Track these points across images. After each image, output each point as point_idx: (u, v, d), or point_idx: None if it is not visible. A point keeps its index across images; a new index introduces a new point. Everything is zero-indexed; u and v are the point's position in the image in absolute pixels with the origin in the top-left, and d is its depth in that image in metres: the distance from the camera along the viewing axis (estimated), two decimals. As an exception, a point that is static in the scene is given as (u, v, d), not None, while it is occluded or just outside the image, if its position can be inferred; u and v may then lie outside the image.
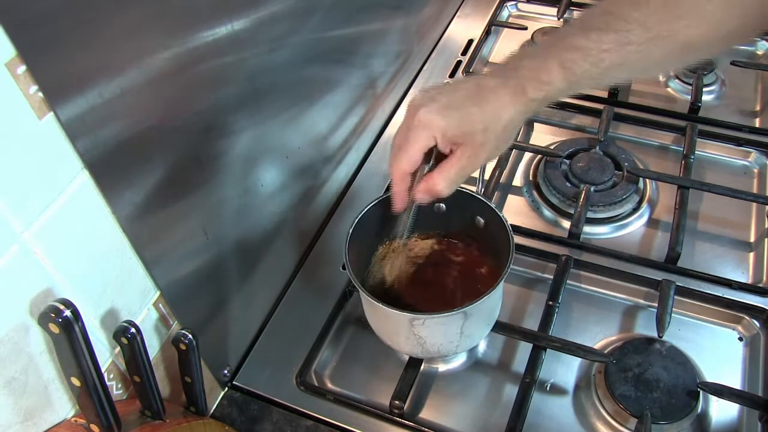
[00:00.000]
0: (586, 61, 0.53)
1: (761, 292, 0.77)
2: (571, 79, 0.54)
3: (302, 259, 0.86)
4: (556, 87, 0.54)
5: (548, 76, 0.54)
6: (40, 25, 0.40)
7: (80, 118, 0.44)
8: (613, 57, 0.53)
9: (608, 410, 0.69)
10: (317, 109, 0.82)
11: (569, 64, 0.53)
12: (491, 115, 0.55)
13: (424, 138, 0.55)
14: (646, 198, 0.89)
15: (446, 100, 0.55)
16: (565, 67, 0.53)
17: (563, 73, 0.53)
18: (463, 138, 0.55)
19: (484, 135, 0.55)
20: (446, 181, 0.57)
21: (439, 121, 0.54)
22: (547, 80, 0.54)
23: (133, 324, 0.50)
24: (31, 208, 0.43)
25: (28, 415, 0.47)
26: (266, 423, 0.70)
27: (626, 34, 0.52)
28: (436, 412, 0.71)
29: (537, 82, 0.54)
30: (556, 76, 0.54)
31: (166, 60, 0.52)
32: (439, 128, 0.55)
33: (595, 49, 0.52)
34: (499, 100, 0.55)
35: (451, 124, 0.54)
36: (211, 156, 0.62)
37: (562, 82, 0.54)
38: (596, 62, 0.53)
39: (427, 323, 0.63)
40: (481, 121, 0.55)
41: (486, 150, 0.57)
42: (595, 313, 0.78)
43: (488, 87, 0.55)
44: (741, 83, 1.06)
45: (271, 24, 0.66)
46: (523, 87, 0.54)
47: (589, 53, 0.53)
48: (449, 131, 0.55)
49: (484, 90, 0.55)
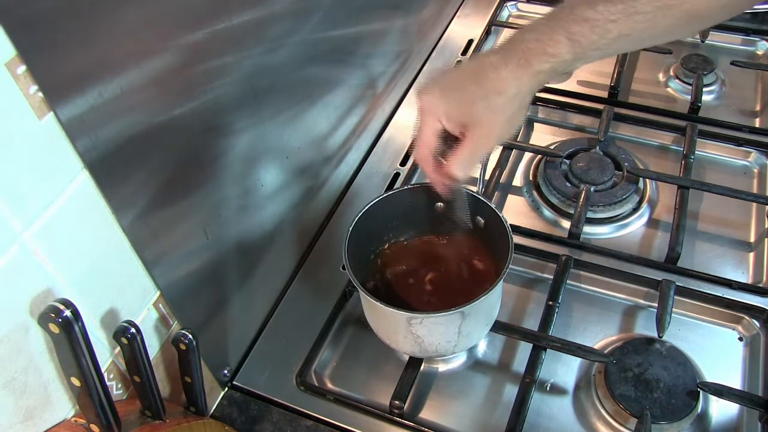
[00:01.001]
0: (593, 33, 0.53)
1: (761, 292, 0.77)
2: (578, 50, 0.53)
3: (302, 259, 0.86)
4: (563, 59, 0.54)
5: (554, 48, 0.53)
6: (40, 25, 0.40)
7: (80, 118, 0.44)
8: (620, 27, 0.53)
9: (608, 410, 0.69)
10: (317, 109, 0.82)
11: (577, 36, 0.53)
12: (492, 90, 0.54)
13: (430, 122, 0.56)
14: (646, 198, 0.89)
15: (447, 83, 0.56)
16: (572, 39, 0.53)
17: (570, 45, 0.53)
18: (468, 117, 0.55)
19: (488, 112, 0.55)
20: (460, 164, 0.57)
21: (440, 103, 0.55)
22: (553, 52, 0.53)
23: (133, 324, 0.50)
24: (31, 208, 0.43)
25: (28, 415, 0.47)
26: (266, 423, 0.70)
27: (633, 4, 0.52)
28: (436, 412, 0.71)
29: (543, 54, 0.54)
30: (563, 48, 0.53)
31: (166, 60, 0.52)
32: (441, 111, 0.55)
33: (602, 20, 0.52)
34: (500, 75, 0.54)
35: (453, 105, 0.55)
36: (211, 156, 0.62)
37: (569, 54, 0.54)
38: (603, 33, 0.53)
39: (424, 322, 0.63)
40: (482, 98, 0.54)
41: (496, 127, 0.56)
42: (595, 313, 0.78)
43: (489, 63, 0.55)
44: (741, 83, 1.06)
45: (271, 24, 0.66)
46: (527, 59, 0.54)
47: (596, 24, 0.52)
48: (452, 112, 0.55)
49: (485, 67, 0.55)
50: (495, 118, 0.55)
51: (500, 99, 0.54)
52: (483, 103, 0.54)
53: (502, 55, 0.55)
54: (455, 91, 0.55)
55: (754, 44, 1.12)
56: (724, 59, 1.08)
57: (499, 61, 0.55)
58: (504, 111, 0.55)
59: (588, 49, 0.53)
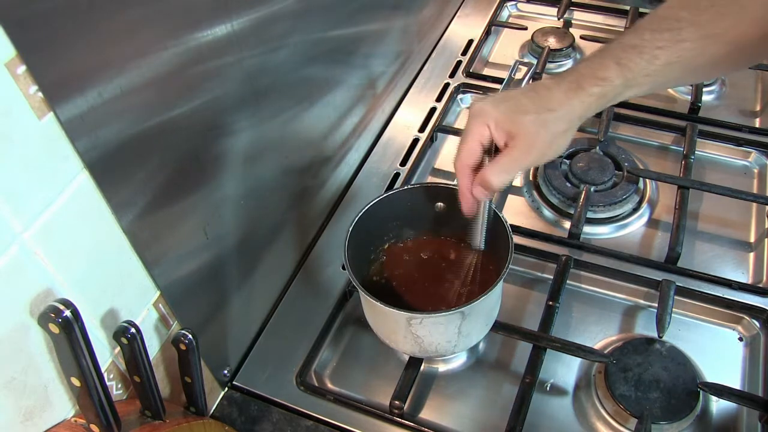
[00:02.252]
0: (641, 59, 0.55)
1: (761, 292, 0.77)
2: (627, 75, 0.55)
3: (302, 259, 0.86)
4: (612, 83, 0.56)
5: (604, 72, 0.55)
6: (40, 25, 0.40)
7: (80, 118, 0.44)
8: (668, 54, 0.55)
9: (608, 410, 0.69)
10: (317, 109, 0.82)
11: (624, 61, 0.55)
12: (543, 106, 0.56)
13: (479, 126, 0.57)
14: (646, 198, 0.89)
15: (501, 95, 0.59)
16: (620, 64, 0.55)
17: (619, 69, 0.55)
18: (516, 127, 0.57)
19: (535, 125, 0.56)
20: (498, 173, 0.58)
21: (492, 109, 0.57)
22: (602, 76, 0.56)
23: (133, 324, 0.50)
24: (31, 208, 0.43)
25: (28, 415, 0.47)
26: (266, 423, 0.70)
27: (679, 32, 0.54)
28: (436, 412, 0.71)
29: (593, 77, 0.56)
30: (612, 72, 0.55)
31: (166, 60, 0.52)
32: (492, 116, 0.57)
33: (649, 47, 0.54)
34: (552, 94, 0.57)
35: (503, 112, 0.57)
36: (211, 156, 0.62)
37: (619, 78, 0.55)
38: (651, 59, 0.55)
39: (424, 322, 0.63)
40: (532, 111, 0.56)
41: (539, 143, 0.58)
42: (595, 313, 0.79)
43: (543, 85, 0.58)
44: (741, 83, 1.06)
45: (271, 24, 0.66)
46: (578, 82, 0.56)
47: (644, 50, 0.55)
48: (501, 119, 0.57)
49: (539, 87, 0.58)
50: (541, 133, 0.57)
51: (550, 115, 0.56)
52: (532, 116, 0.56)
53: (556, 79, 0.58)
54: (507, 102, 0.57)
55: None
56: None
57: (552, 83, 0.57)
58: (551, 128, 0.57)
59: (638, 74, 0.55)
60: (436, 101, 1.06)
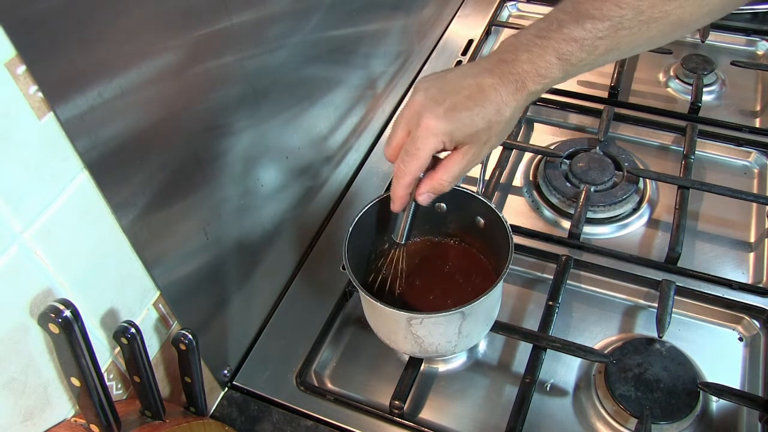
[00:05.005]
0: (582, 51, 0.55)
1: (761, 292, 0.77)
2: (568, 68, 0.56)
3: (302, 259, 0.86)
4: (554, 78, 0.56)
5: (547, 70, 0.55)
6: (40, 25, 0.40)
7: (80, 118, 0.44)
8: (607, 43, 0.55)
9: (608, 410, 0.69)
10: (317, 109, 0.82)
11: (567, 56, 0.55)
12: (495, 112, 0.56)
13: (432, 143, 0.56)
14: (646, 198, 0.89)
15: (450, 103, 0.56)
16: (562, 59, 0.55)
17: (561, 64, 0.55)
18: (469, 138, 0.57)
19: (488, 132, 0.57)
20: (451, 178, 0.59)
21: (446, 126, 0.56)
22: (545, 74, 0.56)
23: (133, 324, 0.50)
24: (31, 208, 0.43)
25: (28, 415, 0.47)
26: (266, 423, 0.70)
27: (620, 20, 0.54)
28: (436, 412, 0.71)
29: (536, 76, 0.56)
30: (554, 69, 0.55)
31: (166, 60, 0.52)
32: (446, 133, 0.56)
33: (590, 38, 0.54)
34: (501, 97, 0.56)
35: (458, 127, 0.56)
36: (211, 156, 0.62)
37: (560, 73, 0.56)
38: (591, 50, 0.55)
39: (424, 323, 0.63)
40: (485, 120, 0.56)
41: (489, 144, 0.59)
42: (595, 313, 0.79)
43: (489, 86, 0.56)
44: (741, 83, 1.06)
45: (271, 24, 0.66)
46: (523, 82, 0.56)
47: (585, 43, 0.54)
48: (456, 134, 0.56)
49: (486, 89, 0.56)
50: (492, 138, 0.58)
51: (501, 121, 0.57)
52: (485, 126, 0.56)
53: (500, 76, 0.56)
54: (459, 113, 0.56)
55: (754, 44, 1.12)
56: (724, 59, 1.09)
57: (498, 83, 0.56)
58: (500, 131, 0.58)
59: (577, 66, 0.56)
60: (436, 101, 1.05)
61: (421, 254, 0.75)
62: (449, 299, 0.71)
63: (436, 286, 0.72)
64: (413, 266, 0.74)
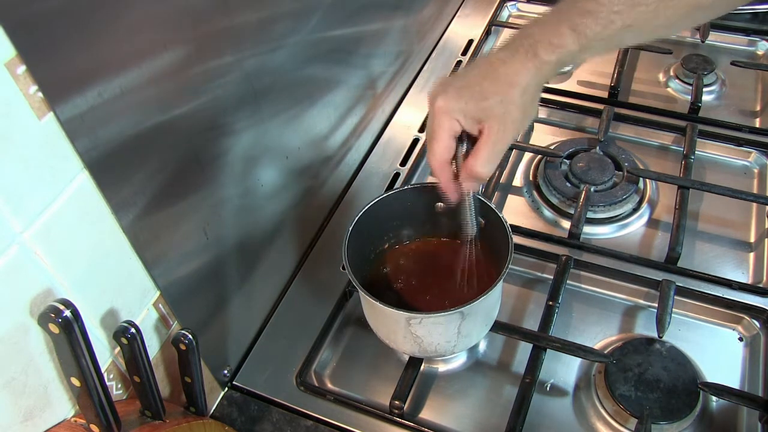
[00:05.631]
0: (597, 24, 0.54)
1: (761, 292, 0.77)
2: (583, 41, 0.55)
3: (302, 259, 0.86)
4: (568, 50, 0.55)
5: (560, 39, 0.55)
6: (40, 25, 0.40)
7: (80, 118, 0.44)
8: (624, 18, 0.54)
9: (608, 410, 0.69)
10: (317, 109, 0.82)
11: (581, 28, 0.54)
12: (505, 83, 0.56)
13: (447, 122, 0.57)
14: (646, 198, 0.89)
15: (459, 83, 0.57)
16: (576, 31, 0.54)
17: (575, 36, 0.54)
18: (484, 113, 0.56)
19: (503, 105, 0.56)
20: (483, 161, 0.58)
21: (456, 103, 0.56)
22: (558, 43, 0.55)
23: (133, 324, 0.50)
24: (31, 208, 0.43)
25: (28, 415, 0.47)
26: (266, 423, 0.70)
27: None
28: (436, 412, 0.71)
29: (548, 44, 0.55)
30: (568, 39, 0.55)
31: (166, 60, 0.52)
32: (458, 110, 0.56)
33: (605, 11, 0.54)
34: (510, 68, 0.56)
35: (468, 103, 0.56)
36: (211, 156, 0.62)
37: (574, 45, 0.55)
38: (607, 24, 0.54)
39: (424, 322, 0.63)
40: (496, 92, 0.56)
41: (511, 120, 0.57)
42: (595, 313, 0.78)
43: (499, 60, 0.56)
44: (741, 83, 1.06)
45: (271, 24, 0.66)
46: (534, 50, 0.55)
47: (600, 15, 0.54)
48: (469, 111, 0.56)
49: (495, 64, 0.56)
50: (511, 110, 0.56)
51: (514, 91, 0.56)
52: (498, 98, 0.55)
53: (510, 50, 0.56)
54: (469, 89, 0.56)
55: (754, 44, 1.12)
56: (724, 59, 1.08)
57: (507, 55, 0.56)
58: (518, 102, 0.56)
59: (593, 39, 0.54)
60: (436, 101, 1.05)
61: (420, 254, 0.75)
62: (449, 299, 0.71)
63: (436, 286, 0.72)
64: (413, 266, 0.74)
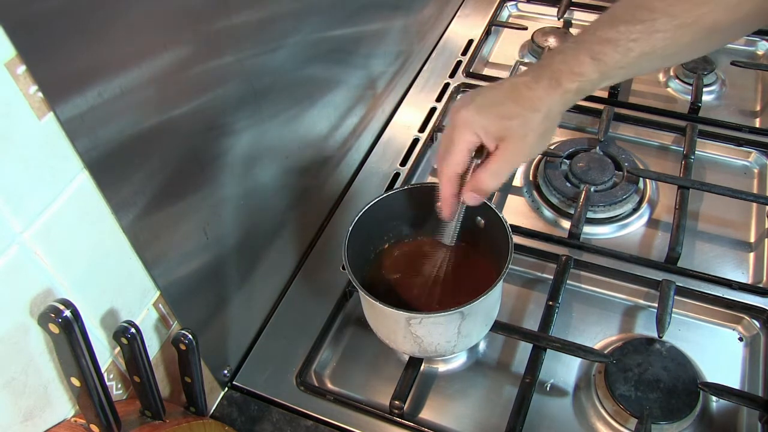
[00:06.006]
0: (616, 52, 0.55)
1: (761, 292, 0.77)
2: (603, 69, 0.56)
3: (302, 259, 0.86)
4: (589, 78, 0.57)
5: (580, 68, 0.56)
6: (40, 25, 0.40)
7: (80, 118, 0.44)
8: (642, 46, 0.55)
9: (608, 410, 0.69)
10: (317, 109, 0.82)
11: (600, 56, 0.56)
12: (528, 107, 0.57)
13: (468, 136, 0.58)
14: (646, 198, 0.89)
15: (484, 100, 0.58)
16: (596, 59, 0.56)
17: (595, 64, 0.56)
18: (505, 132, 0.57)
19: (524, 127, 0.57)
20: (493, 177, 0.60)
21: (480, 118, 0.57)
22: (579, 72, 0.56)
23: (133, 324, 0.50)
24: (31, 208, 0.43)
25: (28, 415, 0.47)
26: (266, 423, 0.70)
27: (652, 23, 0.55)
28: (436, 412, 0.71)
29: (570, 74, 0.56)
30: (588, 68, 0.56)
31: (166, 60, 0.52)
32: (480, 125, 0.57)
33: (623, 40, 0.55)
34: (535, 93, 0.57)
35: (491, 119, 0.57)
36: (211, 156, 0.62)
37: (595, 73, 0.56)
38: (626, 52, 0.55)
39: (423, 322, 0.63)
40: (519, 114, 0.57)
41: (528, 143, 0.59)
42: (595, 313, 0.78)
43: (523, 83, 0.58)
44: (741, 83, 1.06)
45: (271, 24, 0.66)
46: (557, 79, 0.57)
47: (618, 44, 0.55)
48: (490, 127, 0.57)
49: (520, 87, 0.58)
50: (529, 134, 0.58)
51: (535, 116, 0.57)
52: (520, 119, 0.57)
53: (533, 75, 0.58)
54: (493, 107, 0.57)
55: (754, 44, 1.12)
56: (724, 59, 1.08)
57: (532, 81, 0.57)
58: (538, 128, 0.58)
59: (612, 68, 0.56)
60: (436, 101, 1.06)
61: (420, 254, 0.75)
62: (449, 299, 0.71)
63: (436, 285, 0.72)
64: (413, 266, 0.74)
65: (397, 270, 0.74)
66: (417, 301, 0.71)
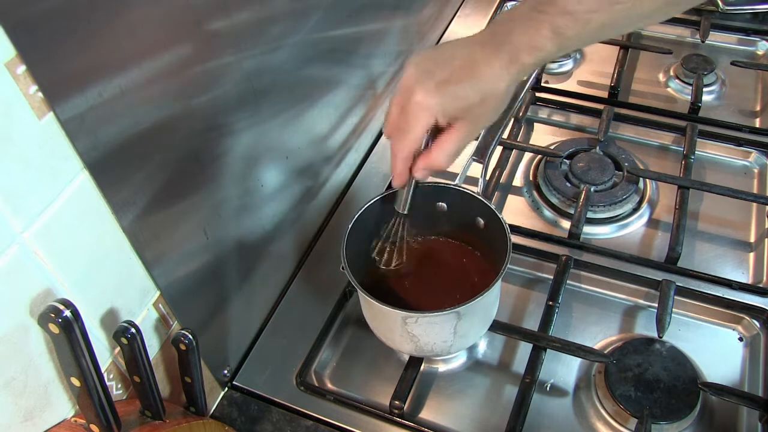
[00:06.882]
0: (576, 25, 0.54)
1: (761, 292, 0.77)
2: (562, 42, 0.55)
3: (302, 259, 0.86)
4: (548, 51, 0.55)
5: (541, 43, 0.55)
6: (40, 25, 0.40)
7: (80, 118, 0.44)
8: (601, 17, 0.54)
9: (608, 410, 0.69)
10: (317, 109, 0.82)
11: (561, 30, 0.54)
12: (488, 87, 0.55)
13: (424, 119, 0.56)
14: (646, 198, 0.89)
15: (441, 76, 0.55)
16: (557, 33, 0.54)
17: (555, 38, 0.54)
18: (462, 113, 0.56)
19: (482, 107, 0.56)
20: (446, 156, 0.59)
21: (437, 100, 0.55)
22: (539, 46, 0.55)
23: (133, 324, 0.50)
24: (31, 208, 0.43)
25: (28, 415, 0.47)
26: (266, 423, 0.70)
27: None
28: (436, 412, 0.71)
29: (530, 48, 0.55)
30: (549, 42, 0.54)
31: (166, 60, 0.52)
32: (438, 108, 0.55)
33: (585, 12, 0.53)
34: (494, 71, 0.55)
35: (449, 101, 0.55)
36: (211, 156, 0.62)
37: (554, 47, 0.55)
38: (585, 24, 0.54)
39: (420, 321, 0.63)
40: (478, 95, 0.55)
41: (484, 119, 0.58)
42: (595, 313, 0.78)
43: (482, 58, 0.56)
44: (741, 83, 1.06)
45: (271, 24, 0.66)
46: (516, 55, 0.55)
47: (579, 16, 0.53)
48: (448, 109, 0.56)
49: (478, 62, 0.56)
50: (486, 112, 0.57)
51: (494, 93, 0.56)
52: (479, 99, 0.55)
53: (492, 48, 0.55)
54: (451, 86, 0.55)
55: (754, 44, 1.12)
56: (724, 59, 1.09)
57: (492, 56, 0.55)
58: (495, 105, 0.57)
59: (572, 39, 0.55)
60: (436, 101, 1.05)
61: (421, 254, 0.75)
62: (448, 299, 0.71)
63: (436, 285, 0.72)
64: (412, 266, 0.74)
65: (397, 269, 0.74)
66: (416, 300, 0.71)
